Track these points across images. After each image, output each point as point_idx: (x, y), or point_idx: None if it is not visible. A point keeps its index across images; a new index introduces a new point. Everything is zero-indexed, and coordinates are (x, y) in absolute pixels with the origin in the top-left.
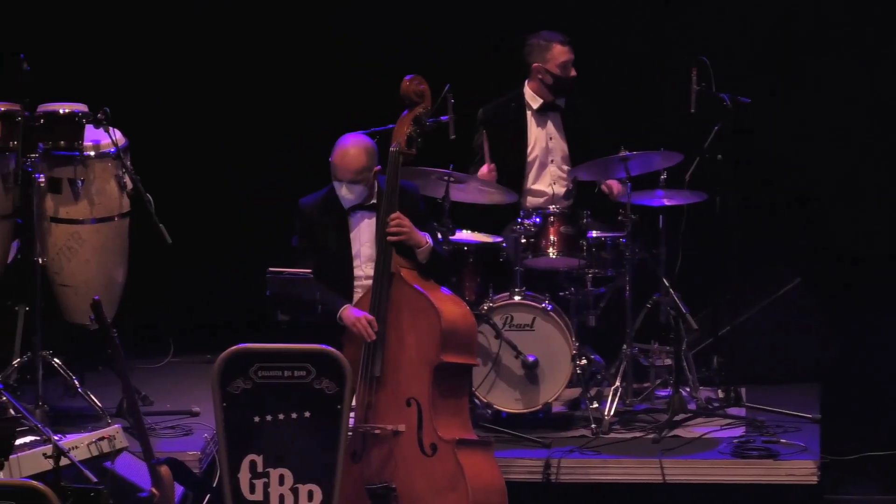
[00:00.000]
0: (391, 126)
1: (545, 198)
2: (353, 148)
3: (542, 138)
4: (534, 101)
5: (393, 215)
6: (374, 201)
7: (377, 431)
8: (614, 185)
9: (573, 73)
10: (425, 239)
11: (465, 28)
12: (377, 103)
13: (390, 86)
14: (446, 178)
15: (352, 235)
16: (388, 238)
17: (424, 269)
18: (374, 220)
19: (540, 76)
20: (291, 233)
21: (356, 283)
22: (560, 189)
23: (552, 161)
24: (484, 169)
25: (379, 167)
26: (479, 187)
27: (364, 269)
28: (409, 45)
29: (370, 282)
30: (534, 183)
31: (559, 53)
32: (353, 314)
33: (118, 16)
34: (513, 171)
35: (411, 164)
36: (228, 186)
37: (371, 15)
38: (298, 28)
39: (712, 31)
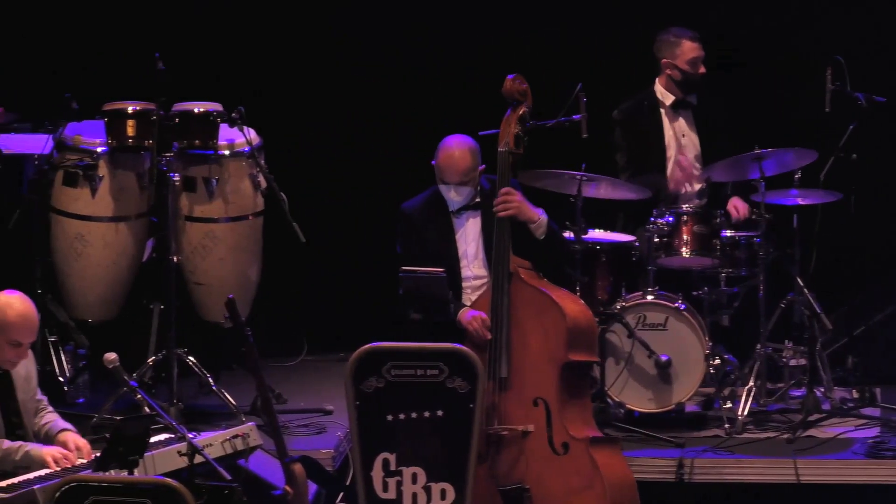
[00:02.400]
0: (496, 131)
1: (679, 197)
2: (458, 150)
3: (675, 135)
4: (666, 98)
5: (503, 189)
6: (478, 200)
7: (505, 433)
8: (740, 207)
9: (702, 70)
10: (538, 214)
11: (592, 25)
12: (491, 105)
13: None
14: (579, 177)
15: (457, 236)
16: (499, 214)
17: (547, 252)
18: (478, 219)
19: (669, 72)
20: (396, 238)
21: (464, 283)
22: (694, 188)
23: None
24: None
25: (483, 166)
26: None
27: (472, 269)
28: (538, 44)
29: (479, 282)
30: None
31: (689, 50)
32: (467, 315)
33: (252, 16)
34: (653, 168)
35: (520, 162)
36: (360, 185)
37: (483, 16)
38: (410, 32)
39: (847, 30)
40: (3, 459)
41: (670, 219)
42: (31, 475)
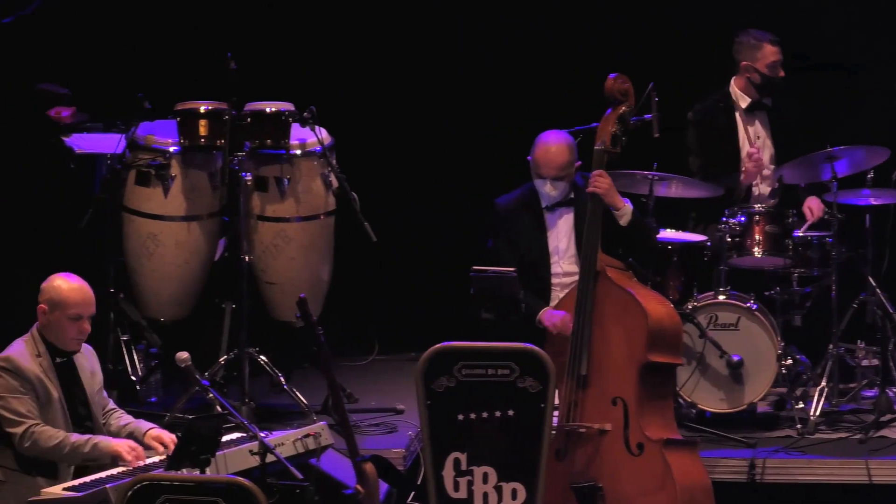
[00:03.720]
0: (594, 125)
1: (751, 196)
2: (555, 145)
3: (750, 137)
4: (742, 100)
5: (596, 171)
6: (572, 196)
7: (582, 430)
8: (815, 208)
9: (782, 73)
10: (624, 202)
11: (668, 25)
12: (578, 101)
13: (593, 84)
14: (650, 177)
15: (549, 232)
16: (590, 190)
17: (633, 241)
18: (571, 215)
19: (748, 75)
20: (487, 233)
21: (554, 279)
22: (766, 188)
23: None
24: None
25: (579, 162)
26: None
27: (562, 265)
28: (611, 42)
29: (568, 279)
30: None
31: (769, 53)
32: (550, 315)
33: (324, 15)
34: (727, 170)
35: (615, 162)
36: (431, 184)
37: (573, 12)
38: (498, 27)
39: None
40: (71, 454)
41: (742, 218)
42: (103, 474)
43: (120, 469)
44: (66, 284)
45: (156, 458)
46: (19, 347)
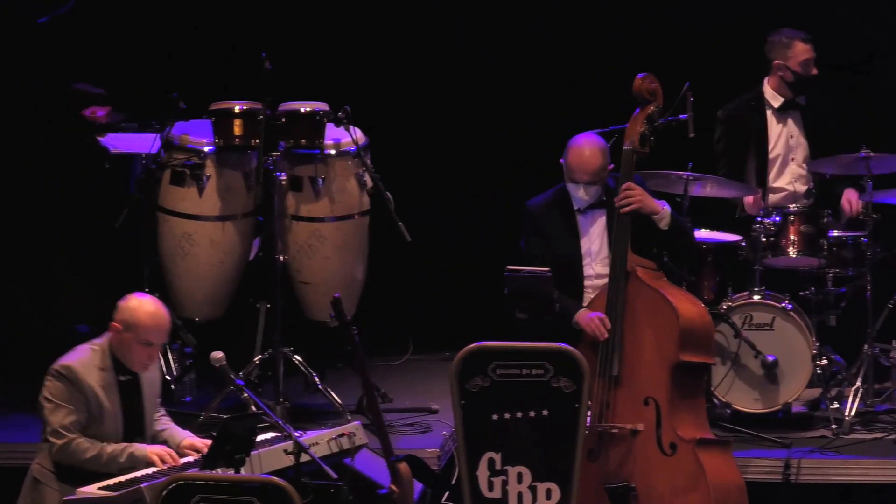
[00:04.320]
0: (624, 125)
1: (785, 195)
2: (589, 150)
3: (782, 136)
4: (774, 99)
5: (625, 185)
6: (603, 198)
7: (615, 430)
8: (854, 200)
9: (814, 71)
10: (661, 205)
11: (700, 24)
12: (607, 101)
13: (621, 84)
14: (685, 177)
15: (581, 234)
16: (621, 210)
17: (673, 243)
18: (603, 217)
19: (780, 73)
20: (520, 234)
21: (586, 281)
22: (801, 187)
23: (793, 159)
24: (750, 200)
25: (612, 165)
26: (720, 184)
27: (594, 267)
28: (644, 42)
29: (600, 281)
30: (775, 181)
31: (801, 51)
32: (586, 315)
33: (358, 14)
34: (755, 169)
35: (644, 162)
36: (465, 184)
37: (604, 12)
38: (528, 28)
39: None
40: (108, 463)
41: (777, 218)
42: (138, 473)
43: (155, 468)
44: (142, 309)
45: (191, 458)
46: (83, 356)
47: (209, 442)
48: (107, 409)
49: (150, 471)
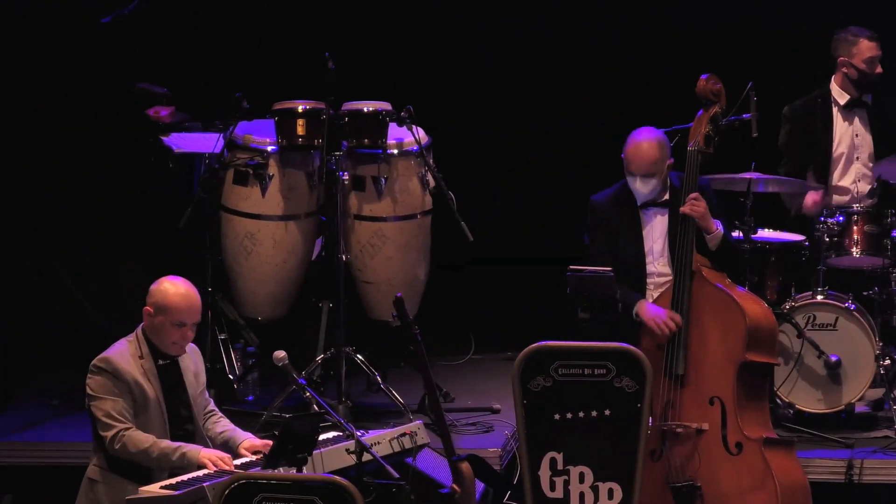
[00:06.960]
0: (689, 125)
1: (849, 195)
2: (646, 141)
3: (848, 134)
4: (840, 96)
5: (692, 195)
6: (666, 198)
7: (679, 430)
8: None
9: (879, 69)
10: (716, 226)
11: (762, 24)
12: (671, 101)
13: (685, 84)
14: (749, 177)
15: (644, 232)
16: (683, 211)
17: (719, 261)
18: (666, 217)
19: (844, 70)
20: (582, 231)
21: (648, 279)
22: (864, 187)
23: (857, 158)
24: (808, 200)
25: (671, 160)
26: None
27: (656, 265)
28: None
29: (662, 279)
30: (839, 180)
31: (866, 49)
32: (651, 310)
33: (422, 14)
34: (818, 167)
35: (709, 162)
36: (527, 183)
37: (668, 12)
38: (593, 28)
39: None
40: (159, 459)
41: (841, 218)
42: (199, 473)
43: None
44: (173, 289)
45: (246, 459)
46: (121, 348)
47: (269, 443)
48: (150, 396)
49: (208, 470)
